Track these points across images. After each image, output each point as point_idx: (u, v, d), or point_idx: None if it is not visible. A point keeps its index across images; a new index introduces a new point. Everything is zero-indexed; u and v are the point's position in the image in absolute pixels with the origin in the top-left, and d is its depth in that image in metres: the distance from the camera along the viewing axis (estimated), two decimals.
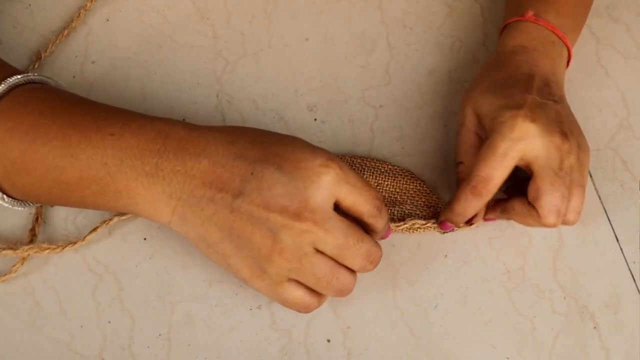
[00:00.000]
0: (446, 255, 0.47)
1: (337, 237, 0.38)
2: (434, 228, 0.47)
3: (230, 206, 0.37)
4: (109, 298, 0.44)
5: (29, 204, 0.43)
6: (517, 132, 0.42)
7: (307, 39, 0.56)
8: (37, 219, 0.46)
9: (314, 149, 0.38)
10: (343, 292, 0.40)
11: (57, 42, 0.53)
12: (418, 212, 0.48)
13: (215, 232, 0.38)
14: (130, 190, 0.39)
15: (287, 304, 0.40)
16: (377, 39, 0.56)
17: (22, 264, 0.45)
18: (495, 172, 0.42)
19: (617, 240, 0.49)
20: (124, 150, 0.38)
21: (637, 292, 0.47)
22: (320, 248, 0.38)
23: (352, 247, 0.38)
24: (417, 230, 0.47)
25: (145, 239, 0.46)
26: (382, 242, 0.47)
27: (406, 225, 0.47)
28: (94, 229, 0.45)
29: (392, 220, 0.47)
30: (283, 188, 0.37)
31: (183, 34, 0.55)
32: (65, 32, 0.53)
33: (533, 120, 0.42)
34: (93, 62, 0.53)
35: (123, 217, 0.46)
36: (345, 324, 0.45)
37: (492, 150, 0.42)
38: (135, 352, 0.43)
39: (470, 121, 0.46)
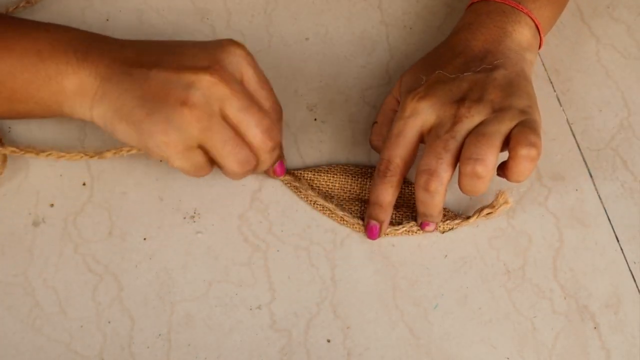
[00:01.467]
0: (446, 255, 0.47)
1: (241, 99, 0.41)
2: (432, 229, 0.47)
3: (146, 75, 0.40)
4: (108, 298, 0.44)
5: None
6: (407, 111, 0.44)
7: (307, 39, 0.56)
8: None
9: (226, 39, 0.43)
10: (244, 165, 0.42)
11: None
12: (414, 215, 0.48)
13: (129, 101, 0.40)
14: (59, 74, 0.41)
15: (189, 168, 0.42)
16: (377, 39, 0.56)
17: None
18: (393, 152, 0.44)
19: (617, 240, 0.49)
20: (58, 39, 0.42)
21: (638, 292, 0.47)
22: (226, 110, 0.40)
23: (254, 113, 0.41)
24: (415, 233, 0.47)
25: (145, 239, 0.46)
26: (381, 242, 0.47)
27: (404, 229, 0.47)
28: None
29: (390, 223, 0.47)
30: (197, 53, 0.41)
31: (183, 34, 0.55)
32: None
33: (424, 97, 0.44)
34: None
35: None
36: (345, 324, 0.45)
37: (390, 132, 0.45)
38: (135, 352, 0.43)
39: (396, 89, 0.49)
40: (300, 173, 0.49)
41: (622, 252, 0.48)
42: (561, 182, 0.51)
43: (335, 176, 0.49)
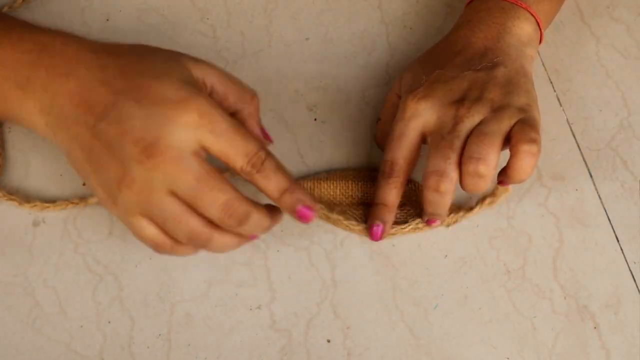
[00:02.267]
0: (446, 255, 0.47)
1: (189, 178, 0.37)
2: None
3: (92, 129, 0.38)
4: (108, 298, 0.44)
5: None
6: (408, 112, 0.44)
7: (307, 39, 0.56)
8: None
9: (181, 87, 0.38)
10: (195, 240, 0.38)
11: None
12: (418, 212, 0.48)
13: (78, 151, 0.39)
14: (7, 100, 0.40)
15: (138, 237, 0.40)
16: (377, 39, 0.56)
17: None
18: (397, 154, 0.45)
19: (617, 240, 0.49)
20: (2, 61, 0.39)
21: (638, 292, 0.47)
22: (174, 189, 0.37)
23: (206, 193, 0.37)
24: (422, 230, 0.47)
25: None
26: (381, 242, 0.47)
27: (411, 227, 0.47)
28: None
29: (396, 223, 0.47)
30: (140, 122, 0.37)
31: (183, 34, 0.55)
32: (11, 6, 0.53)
33: (424, 97, 0.44)
34: None
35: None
36: (345, 324, 0.45)
37: (392, 134, 0.45)
38: (135, 352, 0.43)
39: (396, 86, 0.49)
40: (300, 183, 0.48)
41: (622, 252, 0.48)
42: (561, 182, 0.51)
43: (335, 182, 0.49)
